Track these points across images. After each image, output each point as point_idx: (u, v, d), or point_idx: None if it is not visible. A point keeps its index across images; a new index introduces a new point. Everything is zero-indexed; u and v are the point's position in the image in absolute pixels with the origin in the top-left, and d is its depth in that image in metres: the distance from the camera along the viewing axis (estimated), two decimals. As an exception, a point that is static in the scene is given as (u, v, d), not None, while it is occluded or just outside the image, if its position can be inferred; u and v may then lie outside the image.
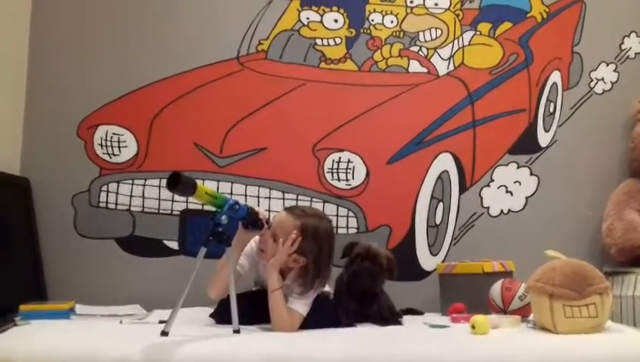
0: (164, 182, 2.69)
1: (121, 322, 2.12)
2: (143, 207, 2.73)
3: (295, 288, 2.04)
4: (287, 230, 2.00)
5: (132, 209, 2.73)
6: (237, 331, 1.88)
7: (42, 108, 2.79)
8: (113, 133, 2.77)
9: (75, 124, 2.77)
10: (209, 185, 2.67)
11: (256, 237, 2.13)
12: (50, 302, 2.44)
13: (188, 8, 2.87)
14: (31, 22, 2.83)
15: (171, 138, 2.77)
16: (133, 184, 2.74)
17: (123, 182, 2.74)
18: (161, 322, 2.11)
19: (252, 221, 2.00)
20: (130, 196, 2.74)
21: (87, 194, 2.73)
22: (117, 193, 2.74)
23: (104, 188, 2.74)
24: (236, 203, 1.92)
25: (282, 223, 2.03)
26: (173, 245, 2.73)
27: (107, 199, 2.73)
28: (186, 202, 2.73)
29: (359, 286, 2.15)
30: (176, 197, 2.72)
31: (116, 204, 2.73)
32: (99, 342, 1.72)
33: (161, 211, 2.73)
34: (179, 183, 1.73)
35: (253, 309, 2.04)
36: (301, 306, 1.99)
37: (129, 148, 2.77)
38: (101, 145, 2.77)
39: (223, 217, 1.86)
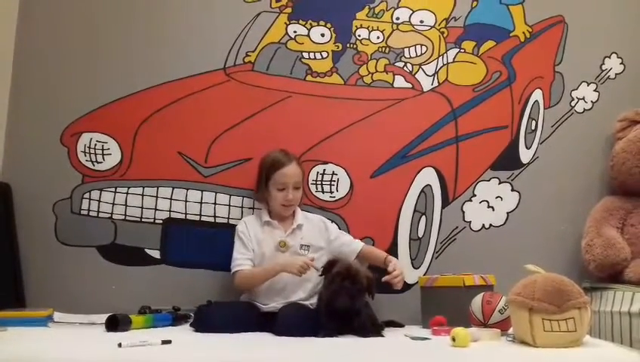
0: (147, 190, 2.72)
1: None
2: (125, 215, 2.71)
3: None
4: (302, 174, 2.60)
5: (114, 217, 2.71)
6: None
7: (25, 113, 2.76)
8: (97, 141, 2.75)
9: (59, 130, 2.74)
10: (193, 195, 2.70)
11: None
12: (28, 309, 2.41)
13: (175, 18, 2.87)
14: (16, 27, 2.81)
15: (156, 147, 2.76)
16: (115, 192, 2.72)
17: (105, 189, 2.72)
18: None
19: None
20: (113, 204, 2.71)
21: (68, 201, 2.70)
22: (99, 201, 2.71)
23: (86, 195, 2.71)
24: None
25: (298, 174, 2.58)
26: (155, 254, 2.71)
27: (89, 206, 2.70)
28: (169, 211, 2.72)
29: (339, 305, 2.13)
30: (159, 205, 2.71)
31: (98, 211, 2.71)
32: (75, 350, 1.71)
33: (143, 220, 2.71)
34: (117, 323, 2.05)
35: (237, 319, 2.24)
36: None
37: (113, 156, 2.75)
38: (84, 152, 2.74)
39: None
